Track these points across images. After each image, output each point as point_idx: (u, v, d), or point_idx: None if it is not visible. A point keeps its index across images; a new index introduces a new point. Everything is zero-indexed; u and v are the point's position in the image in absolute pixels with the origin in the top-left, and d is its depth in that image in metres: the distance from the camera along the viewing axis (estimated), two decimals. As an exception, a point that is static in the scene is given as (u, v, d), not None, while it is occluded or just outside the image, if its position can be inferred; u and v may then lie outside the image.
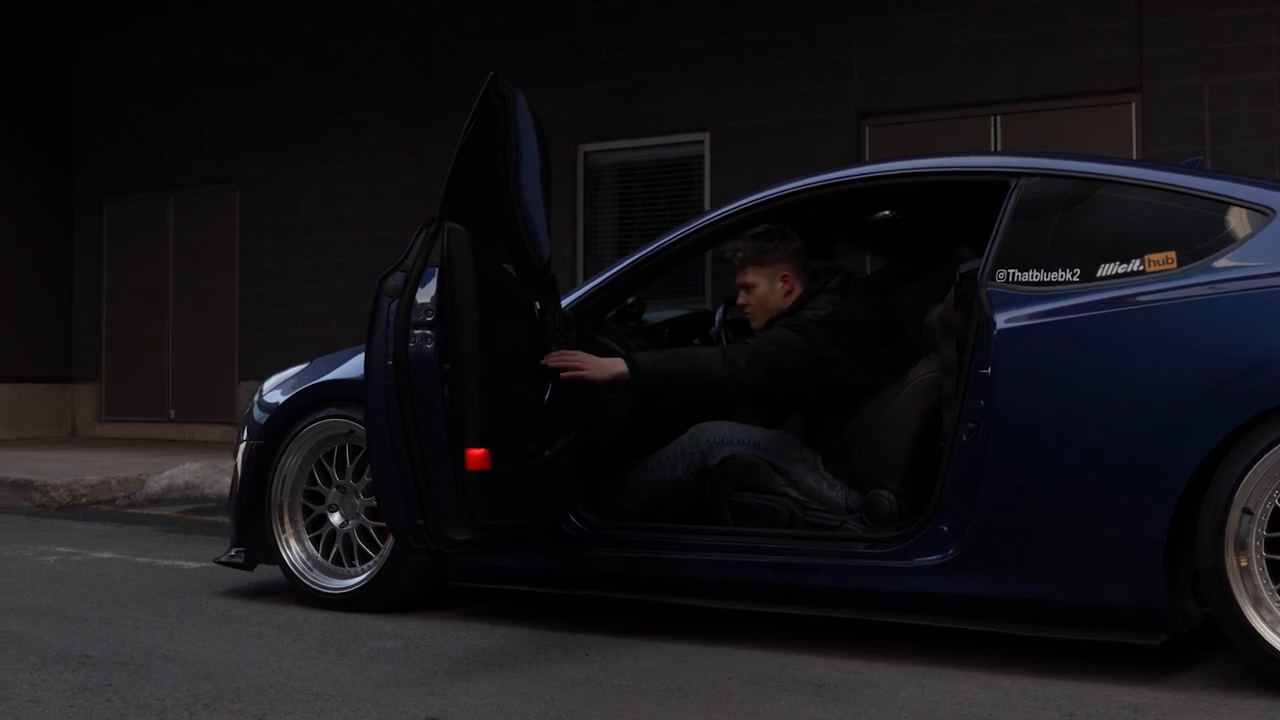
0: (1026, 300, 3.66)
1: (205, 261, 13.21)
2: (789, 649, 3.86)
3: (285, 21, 12.75)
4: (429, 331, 3.58)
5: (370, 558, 4.50)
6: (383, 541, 4.47)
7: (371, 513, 4.54)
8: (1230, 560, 3.34)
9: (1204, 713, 3.17)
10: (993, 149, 9.41)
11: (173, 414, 13.36)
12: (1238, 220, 3.58)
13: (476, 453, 3.57)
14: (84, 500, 8.38)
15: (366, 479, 4.54)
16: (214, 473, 8.82)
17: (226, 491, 8.17)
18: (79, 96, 14.11)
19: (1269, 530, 3.33)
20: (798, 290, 4.32)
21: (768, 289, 4.33)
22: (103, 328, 13.93)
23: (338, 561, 4.58)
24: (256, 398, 4.93)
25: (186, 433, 13.14)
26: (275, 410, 4.74)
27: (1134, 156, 8.92)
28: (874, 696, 3.32)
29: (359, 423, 4.51)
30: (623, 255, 4.59)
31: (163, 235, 13.58)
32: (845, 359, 4.14)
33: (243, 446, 4.82)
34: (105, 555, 5.92)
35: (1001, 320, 3.65)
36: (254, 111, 12.83)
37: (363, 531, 4.55)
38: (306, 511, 4.66)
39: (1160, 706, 3.22)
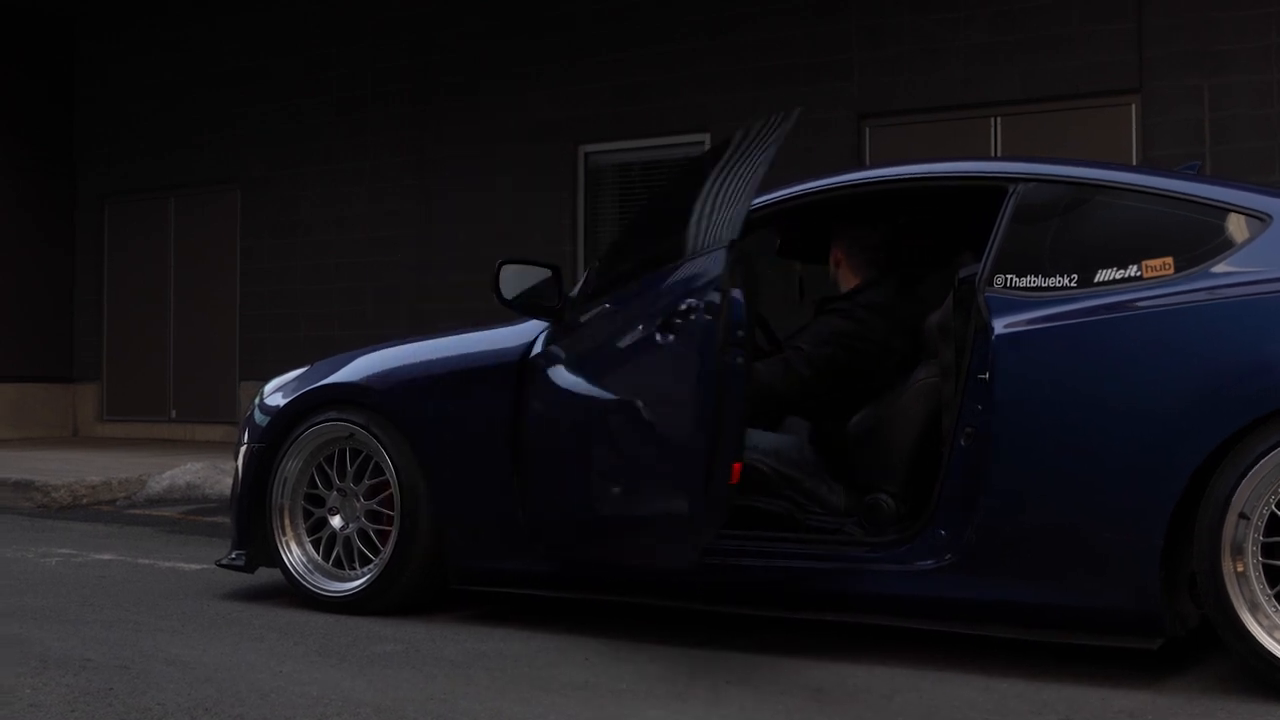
0: (1024, 306, 3.67)
1: (206, 261, 13.23)
2: (787, 653, 3.87)
3: (285, 21, 12.76)
4: (740, 349, 3.64)
5: (371, 561, 4.51)
6: (383, 544, 4.48)
7: (372, 516, 4.55)
8: (1227, 565, 3.35)
9: (1200, 717, 3.18)
10: (993, 150, 9.42)
11: (174, 414, 13.38)
12: (1235, 226, 3.59)
13: (737, 466, 3.68)
14: (85, 501, 8.39)
15: (367, 482, 4.55)
16: (215, 473, 8.84)
17: (228, 492, 8.15)
18: (79, 96, 14.13)
19: (1266, 535, 3.34)
20: (849, 273, 4.46)
21: (831, 261, 4.57)
22: (104, 328, 13.95)
23: (338, 564, 4.60)
24: (257, 400, 4.94)
25: (188, 433, 13.15)
26: (276, 413, 4.75)
27: (1134, 157, 8.94)
28: (871, 701, 3.33)
29: (359, 426, 4.52)
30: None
31: (164, 235, 13.59)
32: (895, 346, 4.25)
33: (243, 449, 4.83)
34: (106, 557, 5.94)
35: (999, 326, 3.66)
36: (254, 111, 12.84)
37: (363, 534, 4.56)
38: (307, 514, 4.68)
39: (1157, 711, 3.24)
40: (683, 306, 3.63)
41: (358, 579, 4.50)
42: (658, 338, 3.70)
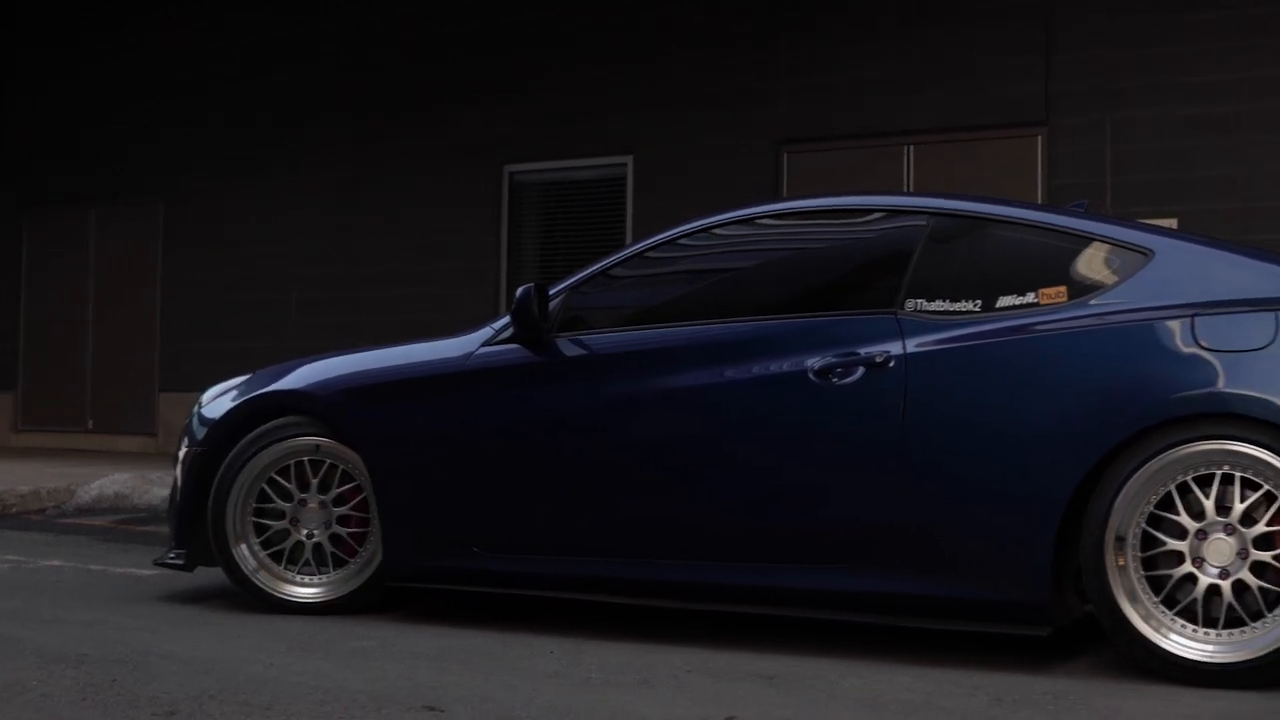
0: (932, 328, 4.05)
1: (127, 272, 13.22)
2: (736, 646, 4.17)
3: (218, 38, 12.83)
4: None
5: (328, 565, 4.70)
6: (336, 548, 4.69)
7: (328, 521, 4.73)
8: (1109, 559, 3.76)
9: (1114, 697, 3.56)
10: (905, 180, 9.87)
11: (91, 424, 13.34)
12: (1121, 260, 4.02)
13: None
14: (14, 510, 8.42)
15: (314, 482, 4.72)
16: (143, 483, 8.87)
17: (156, 502, 8.29)
18: (9, 105, 14.02)
19: (1143, 550, 3.76)
20: None
21: None
22: (20, 337, 13.86)
23: (290, 567, 4.75)
24: (197, 409, 5.06)
25: (105, 443, 13.11)
26: (217, 420, 4.87)
27: (1039, 187, 9.44)
28: (822, 686, 3.66)
29: (316, 434, 4.71)
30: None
31: (84, 246, 13.55)
32: None
33: (184, 453, 4.95)
34: (56, 563, 6.05)
35: (910, 345, 4.03)
36: (183, 126, 12.86)
37: (313, 539, 4.73)
38: (258, 515, 4.79)
39: (1076, 692, 3.61)
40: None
41: (313, 585, 4.69)
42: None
